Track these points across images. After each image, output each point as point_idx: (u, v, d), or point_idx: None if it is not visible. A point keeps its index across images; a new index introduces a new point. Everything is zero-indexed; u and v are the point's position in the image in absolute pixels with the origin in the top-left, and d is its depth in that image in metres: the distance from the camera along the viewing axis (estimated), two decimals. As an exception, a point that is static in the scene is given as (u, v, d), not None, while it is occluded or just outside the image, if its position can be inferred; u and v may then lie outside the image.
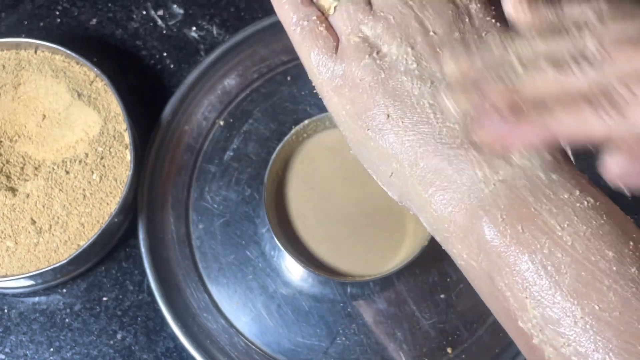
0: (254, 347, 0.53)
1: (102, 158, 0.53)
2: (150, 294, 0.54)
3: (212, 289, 0.54)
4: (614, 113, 0.29)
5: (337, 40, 0.35)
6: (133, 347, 0.54)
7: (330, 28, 0.35)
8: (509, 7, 0.33)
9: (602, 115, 0.29)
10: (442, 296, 0.54)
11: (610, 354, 0.28)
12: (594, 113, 0.29)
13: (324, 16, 0.36)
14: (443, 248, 0.33)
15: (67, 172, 0.52)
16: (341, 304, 0.54)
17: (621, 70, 0.29)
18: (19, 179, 0.53)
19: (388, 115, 0.32)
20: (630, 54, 0.30)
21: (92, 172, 0.53)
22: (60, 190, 0.52)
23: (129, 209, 0.55)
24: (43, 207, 0.51)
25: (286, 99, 0.59)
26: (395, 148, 0.32)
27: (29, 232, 0.51)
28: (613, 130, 0.29)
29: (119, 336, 0.54)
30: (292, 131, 0.53)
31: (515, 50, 0.32)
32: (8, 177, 0.53)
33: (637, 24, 0.30)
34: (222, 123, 0.59)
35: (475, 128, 0.31)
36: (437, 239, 0.33)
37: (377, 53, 0.33)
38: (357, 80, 0.33)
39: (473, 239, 0.31)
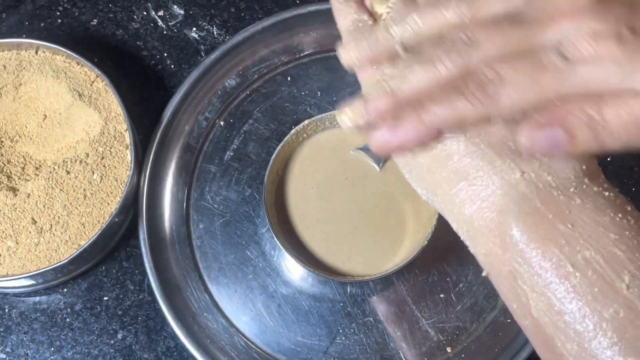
0: (254, 346, 0.53)
1: (102, 158, 0.53)
2: (151, 293, 0.54)
3: (213, 289, 0.55)
4: (483, 96, 0.30)
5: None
6: (134, 347, 0.54)
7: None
8: None
9: (472, 100, 0.30)
10: (442, 296, 0.54)
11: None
12: (463, 99, 0.30)
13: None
14: (466, 244, 0.34)
15: (68, 172, 0.52)
16: (341, 304, 0.54)
17: (487, 54, 0.30)
18: (19, 178, 0.53)
19: None
20: (495, 34, 0.31)
21: (93, 172, 0.53)
22: (61, 190, 0.52)
23: (130, 209, 0.55)
24: (44, 207, 0.52)
25: (286, 99, 0.59)
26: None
27: (30, 232, 0.51)
28: (485, 114, 0.30)
29: (119, 335, 0.54)
30: (292, 131, 0.53)
31: (398, 35, 0.33)
32: (9, 177, 0.53)
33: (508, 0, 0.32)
34: (222, 123, 0.59)
35: (368, 139, 0.33)
36: (460, 233, 0.34)
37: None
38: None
39: (499, 236, 0.32)
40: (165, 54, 0.61)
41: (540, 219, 0.31)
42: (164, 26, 0.62)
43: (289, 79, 0.60)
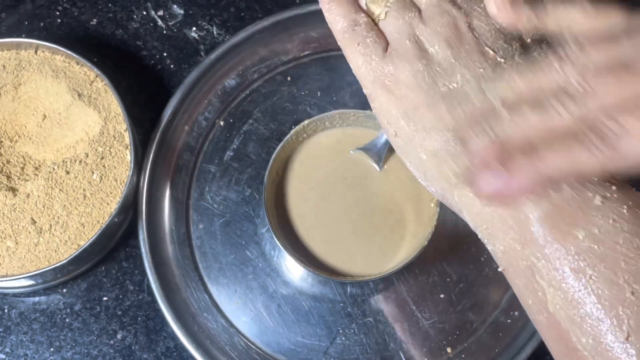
0: (254, 346, 0.53)
1: (102, 158, 0.53)
2: (151, 293, 0.54)
3: (212, 289, 0.55)
4: (604, 146, 0.28)
5: (386, 43, 0.37)
6: (133, 347, 0.54)
7: (379, 32, 0.37)
8: (493, 8, 0.34)
9: (592, 150, 0.29)
10: (442, 296, 0.54)
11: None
12: (583, 149, 0.29)
13: (373, 22, 0.38)
14: (483, 241, 0.34)
15: (68, 172, 0.52)
16: (341, 304, 0.54)
17: (605, 102, 0.29)
18: (19, 179, 0.53)
19: (438, 115, 0.34)
20: (613, 84, 0.29)
21: (93, 172, 0.53)
22: (60, 190, 0.52)
23: (129, 209, 0.55)
24: (43, 207, 0.52)
25: (286, 99, 0.59)
26: (443, 148, 0.34)
27: (29, 232, 0.51)
28: (605, 164, 0.29)
29: (119, 336, 0.54)
30: (292, 131, 0.53)
31: (496, 95, 0.32)
32: (8, 177, 0.53)
33: (617, 46, 0.30)
34: (222, 123, 0.59)
35: (474, 189, 0.32)
36: (478, 231, 0.34)
37: (427, 56, 0.35)
38: (407, 81, 0.35)
39: (518, 232, 0.32)
40: (165, 54, 0.61)
41: (561, 217, 0.31)
42: (163, 26, 0.62)
43: (289, 79, 0.60)
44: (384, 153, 0.53)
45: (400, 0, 0.37)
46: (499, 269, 0.34)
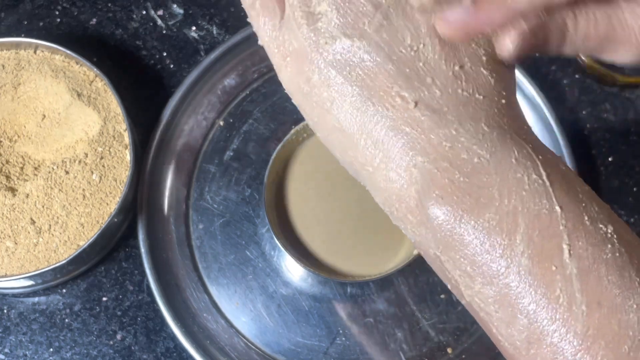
0: (253, 347, 0.53)
1: (101, 158, 0.53)
2: (150, 294, 0.54)
3: (212, 289, 0.54)
4: None
5: (283, 10, 0.33)
6: (133, 347, 0.54)
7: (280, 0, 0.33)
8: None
9: None
10: (442, 296, 0.54)
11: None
12: None
13: None
14: (394, 223, 0.31)
15: (67, 172, 0.52)
16: (341, 304, 0.54)
17: None
18: (18, 179, 0.53)
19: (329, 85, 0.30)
20: None
21: (92, 172, 0.53)
22: (59, 190, 0.52)
23: (129, 209, 0.55)
24: (43, 207, 0.51)
25: (286, 99, 0.59)
26: (340, 119, 0.30)
27: (29, 232, 0.51)
28: None
29: (118, 336, 0.54)
30: (292, 131, 0.53)
31: None
32: (8, 177, 0.53)
33: None
34: (222, 123, 0.59)
35: (437, 19, 0.29)
36: (386, 211, 0.31)
37: (317, 18, 0.31)
38: (302, 49, 0.31)
39: (418, 216, 0.29)
40: (165, 54, 0.61)
41: (452, 192, 0.28)
42: (163, 26, 0.62)
43: (288, 78, 0.60)
44: None
45: None
46: (414, 252, 0.31)
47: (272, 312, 0.54)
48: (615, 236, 0.28)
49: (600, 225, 0.28)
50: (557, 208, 0.27)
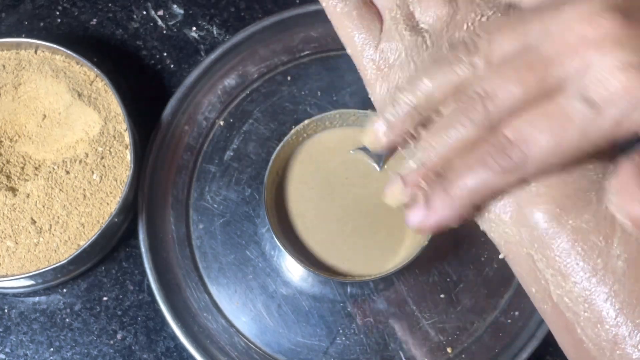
0: (254, 346, 0.53)
1: (102, 158, 0.53)
2: (151, 293, 0.54)
3: (212, 289, 0.55)
4: (506, 163, 0.28)
5: (380, 19, 0.34)
6: (133, 347, 0.54)
7: (373, 6, 0.34)
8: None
9: (496, 170, 0.29)
10: (442, 296, 0.54)
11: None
12: (487, 169, 0.29)
13: None
14: (482, 228, 0.33)
15: (68, 172, 0.52)
16: (341, 304, 0.54)
17: (504, 105, 0.28)
18: (19, 179, 0.53)
19: None
20: (510, 80, 0.28)
21: (92, 172, 0.53)
22: (60, 190, 0.52)
23: (129, 209, 0.55)
24: (43, 207, 0.52)
25: (286, 99, 0.59)
26: None
27: (29, 232, 0.51)
28: (515, 179, 0.29)
29: (119, 336, 0.54)
30: (292, 131, 0.53)
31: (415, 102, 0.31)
32: (8, 177, 0.53)
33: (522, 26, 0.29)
34: (222, 123, 0.59)
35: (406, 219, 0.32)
36: (477, 218, 0.33)
37: (423, 31, 0.32)
38: (405, 59, 0.32)
39: (517, 219, 0.30)
40: (165, 54, 0.61)
41: (553, 198, 0.29)
42: (163, 26, 0.62)
43: (289, 78, 0.60)
44: (384, 153, 0.53)
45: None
46: (500, 256, 0.33)
47: (272, 312, 0.54)
48: None
49: None
50: None
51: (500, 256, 0.33)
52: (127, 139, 0.54)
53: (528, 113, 0.28)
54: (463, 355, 0.53)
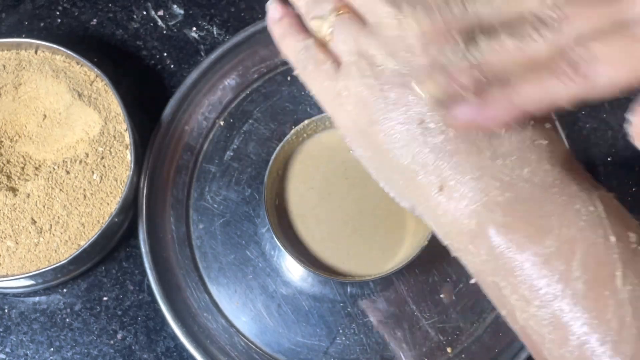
0: (254, 346, 0.53)
1: (102, 158, 0.53)
2: (151, 293, 0.54)
3: (212, 289, 0.55)
4: (575, 75, 0.29)
5: (338, 61, 0.35)
6: (133, 347, 0.54)
7: (328, 52, 0.36)
8: None
9: (564, 80, 0.29)
10: (442, 296, 0.54)
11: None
12: (555, 79, 0.29)
13: (322, 43, 0.36)
14: (453, 255, 0.33)
15: (68, 172, 0.52)
16: (341, 304, 0.54)
17: (579, 30, 0.29)
18: (19, 179, 0.53)
19: (392, 129, 0.33)
20: (586, 12, 0.29)
21: (93, 172, 0.53)
22: (60, 190, 0.52)
23: (129, 209, 0.55)
24: (43, 207, 0.52)
25: (286, 99, 0.59)
26: (401, 158, 0.32)
27: (30, 232, 0.51)
28: (577, 93, 0.29)
29: (119, 336, 0.54)
30: (292, 131, 0.53)
31: (476, 12, 0.31)
32: (9, 177, 0.53)
33: None
34: (222, 123, 0.59)
35: (447, 117, 0.31)
36: (445, 243, 0.33)
37: (375, 67, 0.33)
38: (360, 95, 0.33)
39: (480, 246, 0.31)
40: (165, 54, 0.61)
41: (514, 221, 0.30)
42: (163, 26, 0.62)
43: (289, 79, 0.60)
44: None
45: (343, 17, 0.35)
46: (472, 281, 0.33)
47: (272, 311, 0.54)
48: None
49: None
50: (612, 238, 0.29)
51: (472, 281, 0.33)
52: (127, 139, 0.54)
53: (602, 39, 0.29)
54: (463, 355, 0.53)
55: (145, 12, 0.63)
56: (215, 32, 0.62)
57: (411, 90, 0.32)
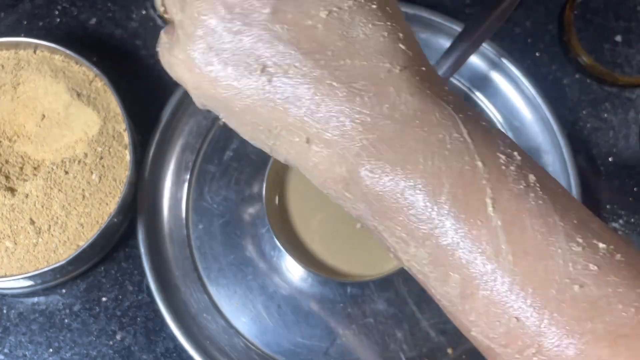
0: (253, 347, 0.53)
1: (101, 158, 0.53)
2: (150, 294, 0.54)
3: (212, 290, 0.54)
4: None
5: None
6: (132, 348, 0.53)
7: (172, 25, 0.34)
8: None
9: None
10: (442, 296, 0.54)
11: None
12: None
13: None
14: (333, 201, 0.32)
15: (67, 172, 0.52)
16: (341, 304, 0.54)
17: None
18: (18, 179, 0.53)
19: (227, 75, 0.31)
20: None
21: (92, 172, 0.52)
22: (59, 190, 0.52)
23: (129, 209, 0.55)
24: (42, 207, 0.51)
25: (286, 99, 0.59)
26: (254, 110, 0.31)
27: (28, 233, 0.51)
28: None
29: (118, 337, 0.54)
30: (292, 131, 0.53)
31: None
32: (7, 177, 0.53)
33: None
34: (222, 123, 0.59)
35: None
36: (325, 192, 0.32)
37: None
38: (191, 54, 0.32)
39: (354, 190, 0.30)
40: (165, 54, 0.61)
41: (379, 162, 0.29)
42: (163, 25, 0.62)
43: (288, 78, 0.60)
44: None
45: None
46: (357, 226, 0.32)
47: (272, 312, 0.54)
48: (538, 185, 0.28)
49: (522, 176, 0.28)
50: (479, 163, 0.28)
51: (358, 226, 0.33)
52: (126, 139, 0.54)
53: None
54: (464, 356, 0.53)
55: (144, 11, 0.62)
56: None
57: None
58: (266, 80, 0.30)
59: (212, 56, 0.31)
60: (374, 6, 0.30)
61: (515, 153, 0.29)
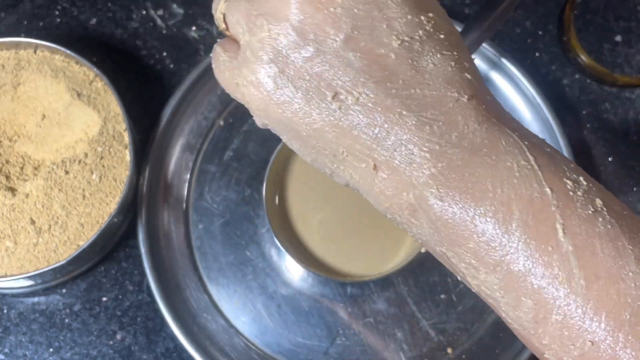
0: (253, 347, 0.53)
1: (101, 158, 0.53)
2: (150, 294, 0.54)
3: (212, 289, 0.54)
4: None
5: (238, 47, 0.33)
6: (133, 348, 0.53)
7: (230, 42, 0.33)
8: None
9: None
10: (442, 296, 0.54)
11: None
12: None
13: (231, 38, 0.34)
14: (397, 226, 0.33)
15: (67, 172, 0.52)
16: (341, 304, 0.54)
17: None
18: (18, 179, 0.53)
19: (298, 105, 0.31)
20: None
21: (92, 172, 0.53)
22: (59, 190, 0.52)
23: (129, 209, 0.55)
24: (42, 207, 0.51)
25: (286, 99, 0.59)
26: (321, 135, 0.31)
27: (29, 232, 0.51)
28: None
29: (118, 336, 0.54)
30: (292, 131, 0.53)
31: None
32: (7, 177, 0.53)
33: None
34: (222, 123, 0.59)
35: None
36: (389, 217, 0.32)
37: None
38: (260, 78, 0.31)
39: (421, 217, 0.30)
40: (165, 53, 0.61)
41: (449, 190, 0.29)
42: (163, 25, 0.62)
43: (288, 78, 0.60)
44: None
45: None
46: (422, 251, 0.33)
47: (272, 312, 0.54)
48: (605, 209, 0.29)
49: (590, 200, 0.29)
50: (547, 190, 0.29)
51: (422, 250, 0.33)
52: (126, 138, 0.54)
53: None
54: (464, 356, 0.53)
55: (144, 12, 0.62)
56: (215, 32, 0.62)
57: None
58: (337, 107, 0.30)
59: (283, 80, 0.30)
60: (442, 36, 0.31)
61: (581, 178, 0.30)
